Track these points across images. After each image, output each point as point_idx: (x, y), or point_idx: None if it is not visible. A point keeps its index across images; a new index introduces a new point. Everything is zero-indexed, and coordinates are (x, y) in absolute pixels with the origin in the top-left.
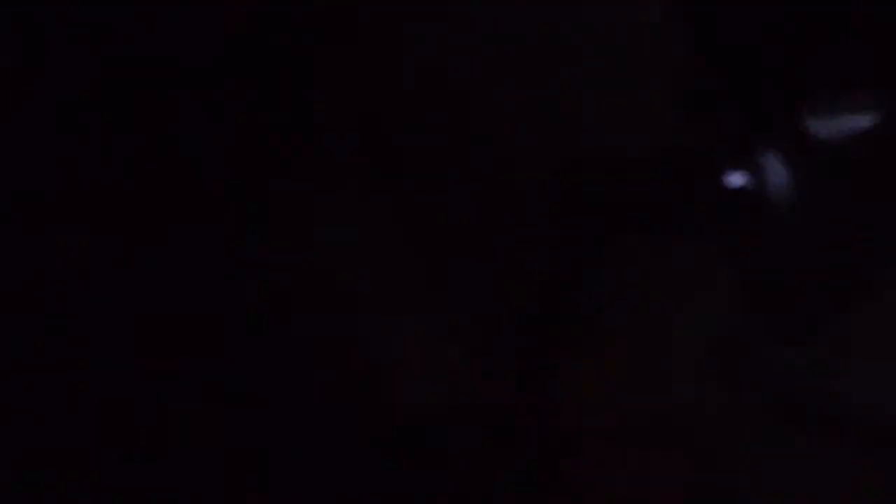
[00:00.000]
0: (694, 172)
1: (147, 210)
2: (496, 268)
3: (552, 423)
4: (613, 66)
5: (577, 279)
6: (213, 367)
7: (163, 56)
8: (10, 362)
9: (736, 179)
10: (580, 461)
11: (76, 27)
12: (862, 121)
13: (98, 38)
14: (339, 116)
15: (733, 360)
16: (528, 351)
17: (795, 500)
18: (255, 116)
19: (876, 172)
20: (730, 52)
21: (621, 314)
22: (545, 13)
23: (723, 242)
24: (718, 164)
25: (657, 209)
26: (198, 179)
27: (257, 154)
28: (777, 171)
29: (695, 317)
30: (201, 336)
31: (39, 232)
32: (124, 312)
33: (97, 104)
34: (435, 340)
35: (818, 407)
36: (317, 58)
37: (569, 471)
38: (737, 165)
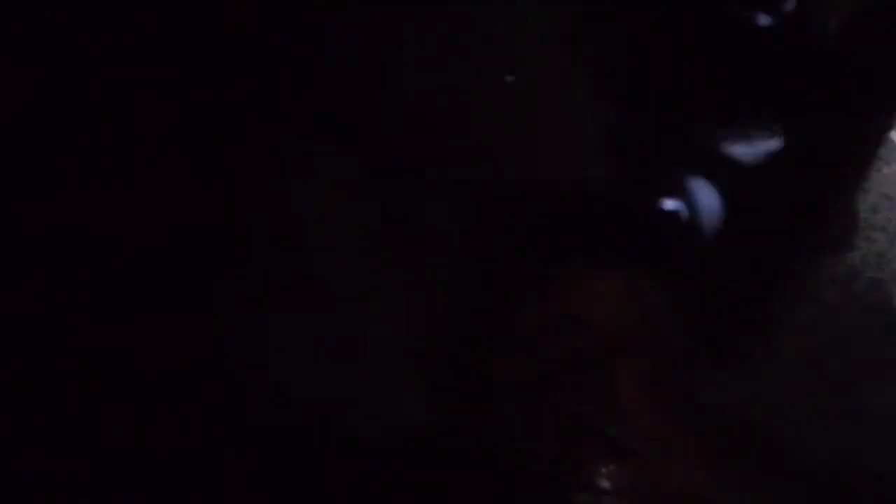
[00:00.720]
0: (627, 202)
1: (145, 210)
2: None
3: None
4: (543, 105)
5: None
6: (209, 367)
7: (162, 56)
8: (9, 362)
9: (668, 205)
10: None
11: (76, 27)
12: (775, 143)
13: (98, 38)
14: (338, 117)
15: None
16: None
17: None
18: (253, 117)
19: (791, 190)
20: (647, 91)
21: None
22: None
23: (659, 267)
24: (650, 193)
25: (594, 239)
26: (196, 179)
27: (255, 154)
28: (706, 195)
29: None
30: (196, 336)
31: (39, 232)
32: (122, 312)
33: (96, 104)
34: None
35: (747, 437)
36: (316, 59)
37: None
38: (667, 193)
